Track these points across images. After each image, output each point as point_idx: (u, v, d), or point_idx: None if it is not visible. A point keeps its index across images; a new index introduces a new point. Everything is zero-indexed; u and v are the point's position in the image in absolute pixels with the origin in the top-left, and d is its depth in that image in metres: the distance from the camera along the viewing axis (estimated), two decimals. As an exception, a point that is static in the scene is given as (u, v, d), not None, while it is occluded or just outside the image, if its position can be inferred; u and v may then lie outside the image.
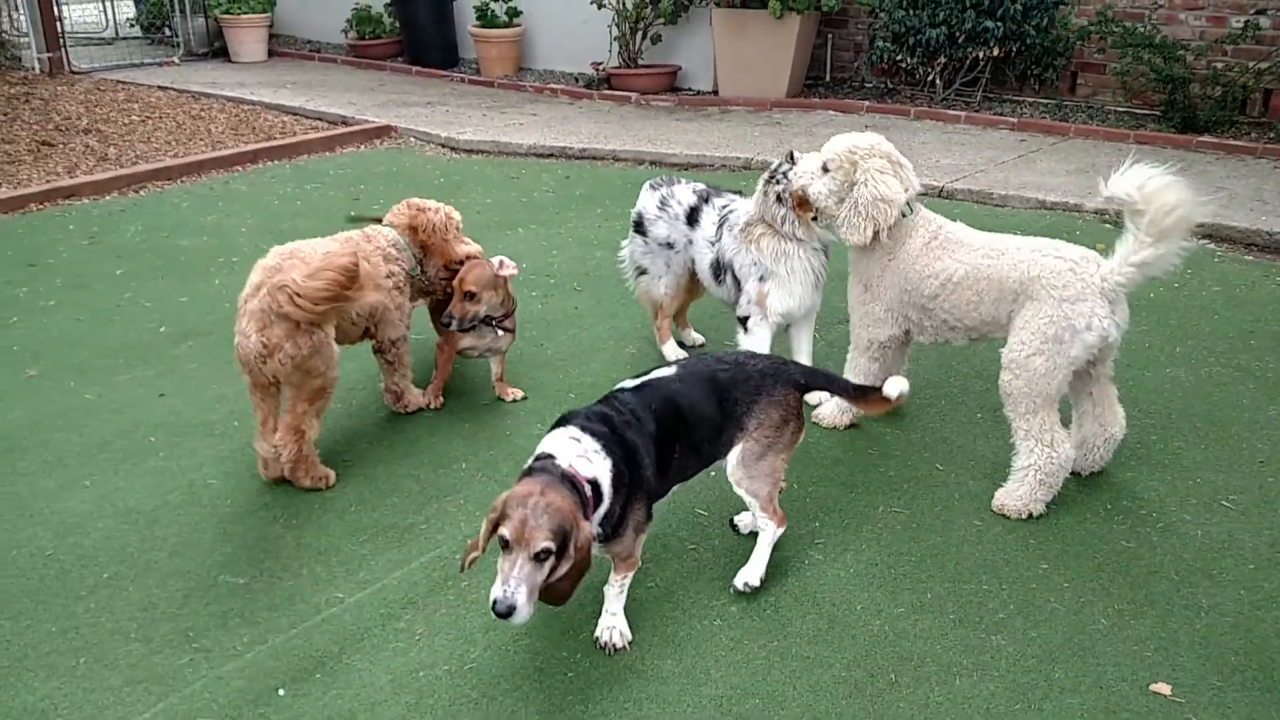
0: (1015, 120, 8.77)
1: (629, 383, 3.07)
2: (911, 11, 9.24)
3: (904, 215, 3.74)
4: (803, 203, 4.03)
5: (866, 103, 9.54)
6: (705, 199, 4.52)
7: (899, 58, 9.48)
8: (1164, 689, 2.77)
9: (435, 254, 4.16)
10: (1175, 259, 3.34)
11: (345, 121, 9.58)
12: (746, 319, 4.29)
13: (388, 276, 4.01)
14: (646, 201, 4.68)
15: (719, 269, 4.38)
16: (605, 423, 2.84)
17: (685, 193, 4.58)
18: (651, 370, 3.11)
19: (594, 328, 5.16)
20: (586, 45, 11.03)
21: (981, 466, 3.83)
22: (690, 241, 4.53)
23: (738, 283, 4.33)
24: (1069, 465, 3.51)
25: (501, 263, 4.12)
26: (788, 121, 9.25)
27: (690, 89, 10.63)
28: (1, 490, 3.77)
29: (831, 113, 9.46)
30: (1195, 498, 3.60)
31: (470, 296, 4.07)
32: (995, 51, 9.02)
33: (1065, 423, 3.58)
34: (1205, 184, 6.89)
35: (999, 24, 8.87)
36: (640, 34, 10.36)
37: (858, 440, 4.05)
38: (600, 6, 10.30)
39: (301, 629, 3.06)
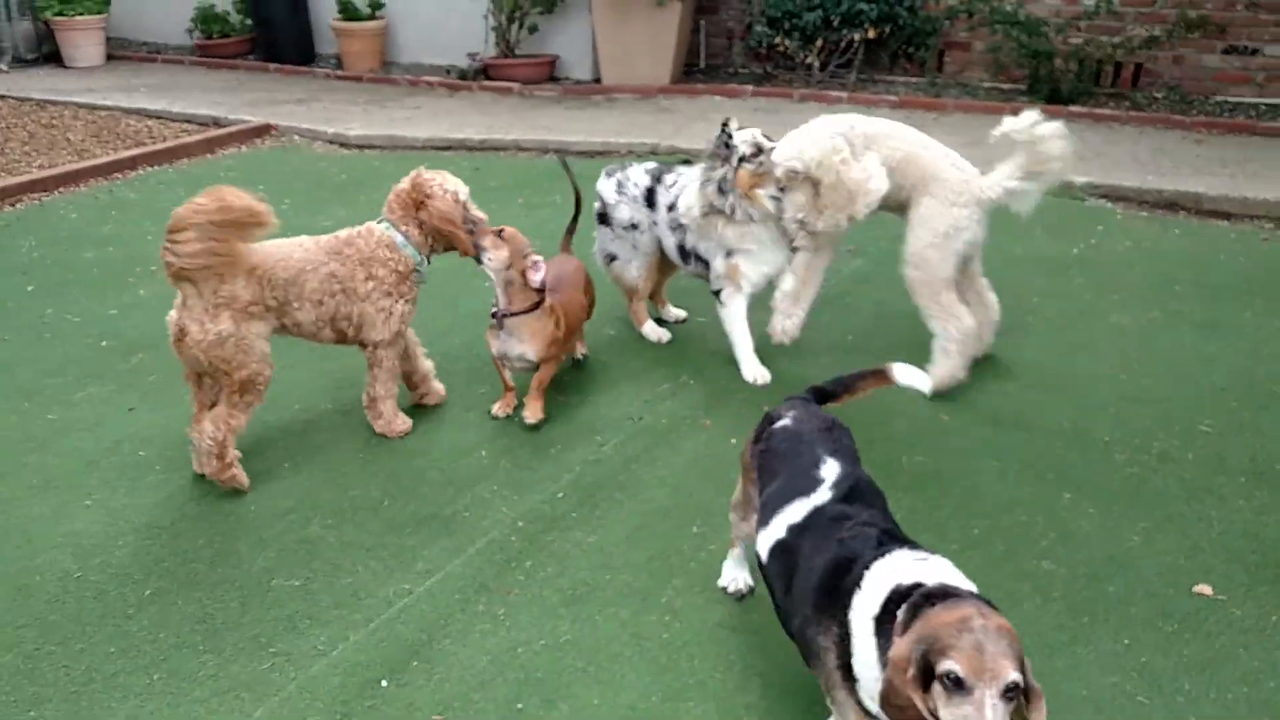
0: (895, 99, 9.19)
1: (820, 498, 2.45)
2: (784, -3, 9.58)
3: None
4: (751, 186, 4.21)
5: (750, 87, 9.80)
6: (658, 178, 4.62)
7: (777, 42, 9.78)
8: (1206, 589, 3.05)
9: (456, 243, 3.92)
10: (1035, 200, 4.09)
11: (218, 123, 9.19)
12: (720, 291, 4.42)
13: (366, 280, 3.81)
14: (605, 189, 4.73)
15: (684, 251, 4.52)
16: (899, 537, 2.34)
17: (639, 174, 4.66)
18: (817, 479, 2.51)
19: (561, 312, 5.18)
20: (453, 36, 10.91)
21: (984, 413, 4.08)
22: (654, 222, 4.62)
23: (705, 262, 4.46)
24: (973, 333, 4.19)
25: (536, 263, 3.91)
26: (677, 108, 9.42)
27: (568, 78, 10.66)
28: (-5, 518, 3.55)
29: (717, 98, 9.68)
30: (1177, 425, 3.95)
31: (499, 233, 3.87)
32: (871, 33, 9.43)
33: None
34: (1084, 149, 7.44)
35: (873, 6, 9.28)
36: (517, 24, 10.33)
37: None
38: (476, -3, 10.24)
39: (380, 622, 3.01)
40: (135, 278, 5.73)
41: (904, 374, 2.86)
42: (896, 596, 2.08)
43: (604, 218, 4.74)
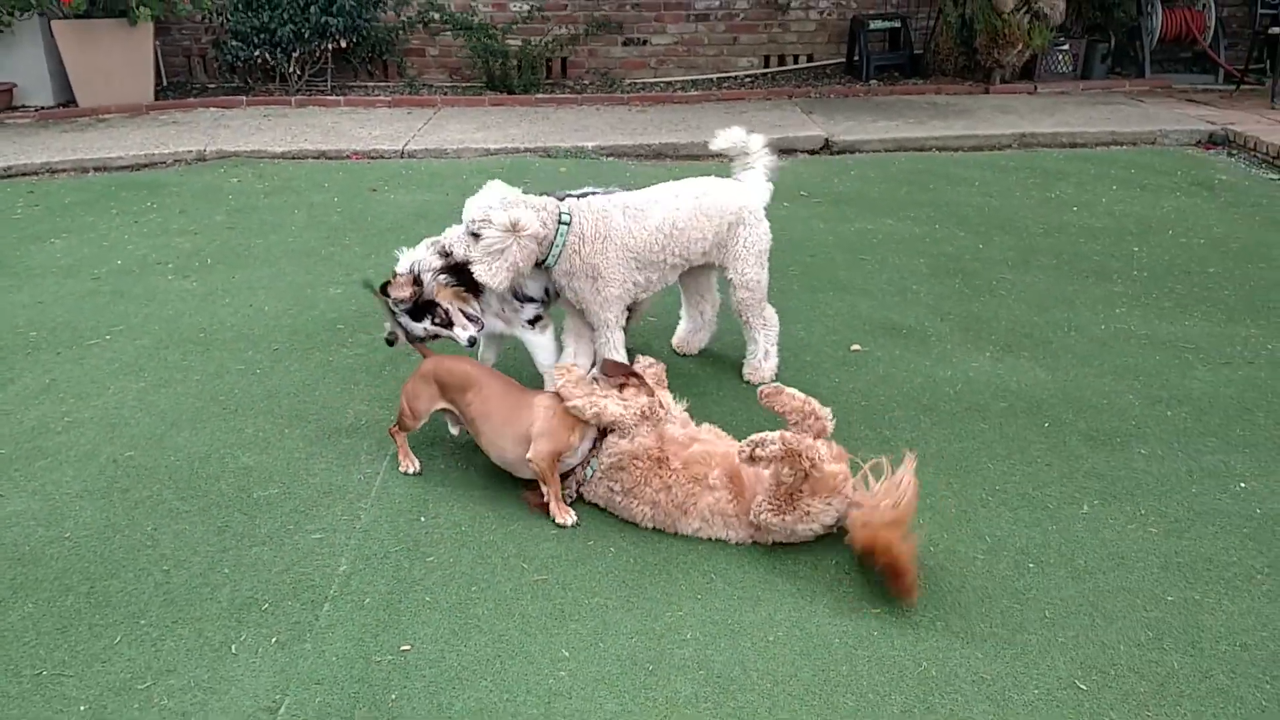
0: (390, 99, 10.35)
1: None
2: (249, 14, 10.23)
3: (566, 224, 3.95)
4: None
5: (244, 98, 10.29)
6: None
7: (255, 55, 10.39)
8: (857, 347, 4.94)
9: None
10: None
11: None
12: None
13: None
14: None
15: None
16: None
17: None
18: None
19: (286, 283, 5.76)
20: None
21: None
22: None
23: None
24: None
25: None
26: (185, 121, 9.64)
27: (26, 105, 10.21)
28: None
29: (215, 110, 10.05)
30: (888, 278, 5.88)
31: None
32: (342, 44, 10.49)
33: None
34: (568, 127, 9.36)
35: (339, 19, 10.34)
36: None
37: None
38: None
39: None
40: None
41: None
42: None
43: None
